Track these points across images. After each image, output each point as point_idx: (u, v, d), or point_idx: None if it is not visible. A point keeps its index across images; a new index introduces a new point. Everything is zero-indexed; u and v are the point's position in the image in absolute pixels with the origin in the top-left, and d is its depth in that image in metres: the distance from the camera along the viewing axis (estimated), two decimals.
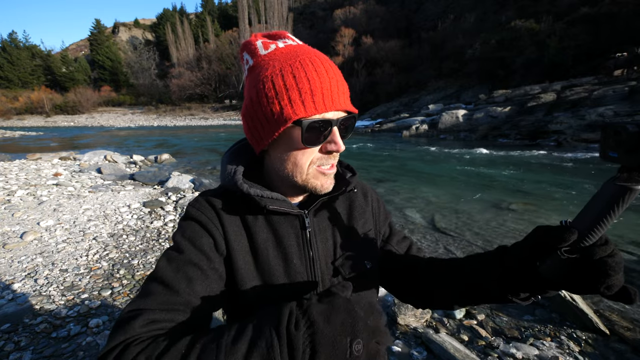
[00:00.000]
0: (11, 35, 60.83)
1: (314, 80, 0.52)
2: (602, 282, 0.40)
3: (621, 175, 0.36)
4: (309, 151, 0.57)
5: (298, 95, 0.52)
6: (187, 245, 0.57)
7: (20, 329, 2.14)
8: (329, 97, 0.54)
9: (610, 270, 0.39)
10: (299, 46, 0.58)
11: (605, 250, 0.40)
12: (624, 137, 0.34)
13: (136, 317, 0.48)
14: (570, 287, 0.43)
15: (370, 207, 0.74)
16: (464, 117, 17.79)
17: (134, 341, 0.46)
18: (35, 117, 48.95)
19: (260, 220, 0.61)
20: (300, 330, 0.39)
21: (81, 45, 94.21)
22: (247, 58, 0.60)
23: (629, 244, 3.76)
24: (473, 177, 7.84)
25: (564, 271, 0.42)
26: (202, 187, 5.91)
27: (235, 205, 0.61)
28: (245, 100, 0.60)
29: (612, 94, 13.10)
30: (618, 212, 0.37)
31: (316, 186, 0.60)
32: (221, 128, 29.45)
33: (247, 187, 0.59)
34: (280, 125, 0.53)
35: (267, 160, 0.64)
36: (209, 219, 0.59)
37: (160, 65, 67.47)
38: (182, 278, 0.53)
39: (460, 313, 2.39)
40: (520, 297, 0.50)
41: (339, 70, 0.58)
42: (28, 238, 3.55)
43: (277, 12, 52.62)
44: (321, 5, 64.83)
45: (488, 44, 27.50)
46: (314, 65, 0.54)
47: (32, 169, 7.39)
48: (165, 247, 3.47)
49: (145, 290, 0.53)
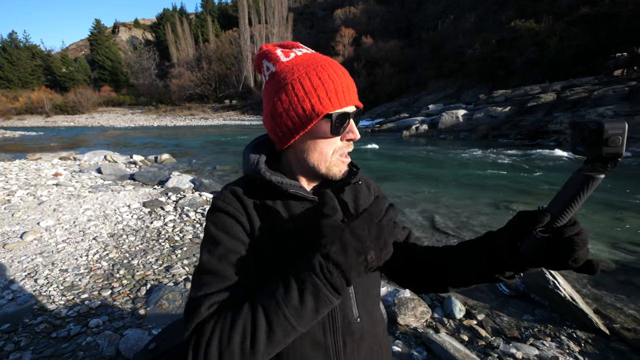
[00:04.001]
0: (11, 35, 60.78)
1: (335, 80, 0.63)
2: (569, 256, 0.47)
3: (586, 167, 0.42)
4: (333, 141, 0.66)
5: (325, 93, 0.62)
6: (223, 235, 0.63)
7: (20, 329, 2.14)
8: (348, 93, 0.64)
9: (576, 246, 0.46)
10: (313, 54, 0.67)
11: (573, 229, 0.47)
12: (587, 134, 0.40)
13: (199, 304, 0.55)
14: (545, 263, 0.51)
15: (374, 197, 0.83)
16: (464, 117, 17.78)
17: (204, 321, 0.53)
18: (35, 117, 48.87)
19: (280, 205, 0.68)
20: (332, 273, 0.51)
21: (81, 45, 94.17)
22: (268, 65, 0.68)
23: (629, 244, 3.76)
24: (473, 177, 7.84)
25: (540, 249, 0.49)
26: (202, 187, 5.91)
27: (256, 192, 0.69)
28: (269, 104, 0.67)
29: (612, 94, 13.09)
30: (584, 197, 0.43)
31: (336, 173, 0.69)
32: (221, 128, 29.44)
33: (269, 175, 0.66)
34: (313, 119, 0.62)
35: (289, 153, 0.71)
36: (235, 209, 0.66)
37: (160, 65, 67.43)
38: (227, 265, 0.60)
39: (461, 313, 2.39)
40: (506, 276, 0.59)
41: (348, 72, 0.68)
42: (28, 238, 3.55)
43: (277, 12, 52.56)
44: (321, 5, 64.81)
45: (488, 44, 27.51)
46: (332, 68, 0.64)
47: (32, 169, 7.39)
48: (165, 246, 3.48)
49: (198, 283, 0.59)
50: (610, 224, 4.40)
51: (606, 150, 0.39)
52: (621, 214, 4.82)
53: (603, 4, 21.42)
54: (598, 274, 0.52)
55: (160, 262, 3.14)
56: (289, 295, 0.50)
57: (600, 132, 0.39)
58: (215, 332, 0.51)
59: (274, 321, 0.50)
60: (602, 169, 0.41)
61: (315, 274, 0.51)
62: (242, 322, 0.51)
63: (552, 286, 2.43)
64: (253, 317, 0.51)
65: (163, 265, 3.09)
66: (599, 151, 0.39)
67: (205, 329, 0.52)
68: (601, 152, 0.39)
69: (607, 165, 0.41)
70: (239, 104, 51.68)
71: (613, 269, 3.21)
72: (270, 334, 0.50)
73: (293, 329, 0.51)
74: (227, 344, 0.50)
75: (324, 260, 0.51)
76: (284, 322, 0.50)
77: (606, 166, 0.41)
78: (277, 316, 0.50)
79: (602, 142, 0.39)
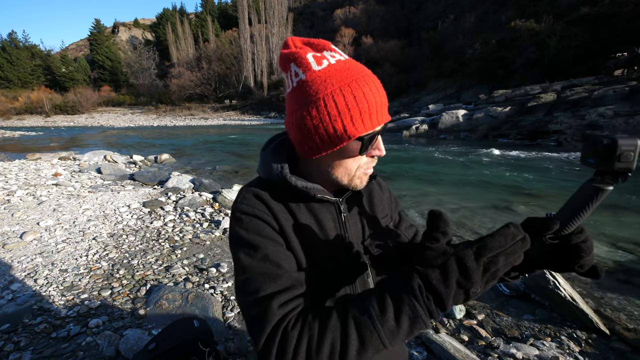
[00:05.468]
0: (11, 35, 60.72)
1: (369, 100, 0.59)
2: (576, 262, 0.50)
3: (596, 178, 0.44)
4: (359, 158, 0.65)
5: (359, 114, 0.58)
6: (257, 237, 0.62)
7: (20, 329, 2.14)
8: (381, 112, 0.61)
9: (583, 253, 0.49)
10: (348, 62, 0.62)
11: (580, 237, 0.50)
12: (600, 148, 0.42)
13: (268, 305, 0.54)
14: (551, 266, 0.54)
15: (385, 195, 0.85)
16: (464, 117, 17.78)
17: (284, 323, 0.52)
18: (35, 117, 48.80)
19: (302, 207, 0.69)
20: (430, 299, 0.48)
21: (81, 45, 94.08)
22: (297, 71, 0.62)
23: (629, 244, 3.76)
24: (473, 177, 7.84)
25: (547, 254, 0.53)
26: (202, 187, 5.90)
27: (279, 195, 0.68)
28: (296, 114, 0.63)
29: (613, 94, 13.09)
30: (592, 207, 0.45)
31: (357, 184, 0.69)
32: (221, 128, 29.43)
33: (294, 180, 0.66)
34: (343, 141, 0.60)
35: (312, 162, 0.69)
36: (261, 211, 0.65)
37: (160, 65, 67.41)
38: (273, 265, 0.59)
39: (461, 313, 2.39)
40: (511, 276, 0.61)
41: (381, 83, 0.64)
42: (28, 238, 3.55)
43: (277, 12, 52.54)
44: (321, 5, 64.82)
45: (488, 44, 27.51)
46: (368, 85, 0.59)
47: (31, 169, 7.39)
48: (165, 246, 3.47)
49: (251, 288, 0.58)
50: (611, 224, 4.40)
51: (618, 165, 0.40)
52: (621, 214, 4.82)
53: (603, 4, 21.42)
54: (602, 278, 0.52)
55: (160, 262, 3.14)
56: (386, 315, 0.49)
57: (614, 148, 0.40)
58: (302, 340, 0.50)
59: (367, 338, 0.49)
60: (612, 182, 0.43)
61: (414, 296, 0.49)
62: (332, 335, 0.50)
63: (553, 286, 2.43)
64: (344, 330, 0.50)
65: (163, 265, 3.09)
66: (612, 166, 0.41)
67: (290, 334, 0.51)
68: (613, 167, 0.41)
69: (617, 179, 0.42)
70: (239, 104, 51.67)
71: (613, 269, 3.21)
72: (362, 351, 0.49)
73: (384, 347, 0.50)
74: (316, 355, 0.49)
75: (424, 285, 0.49)
76: (377, 341, 0.49)
77: (617, 180, 0.42)
78: (371, 334, 0.49)
79: (614, 158, 0.40)
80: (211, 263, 3.14)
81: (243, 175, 8.26)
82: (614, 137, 0.40)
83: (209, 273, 2.94)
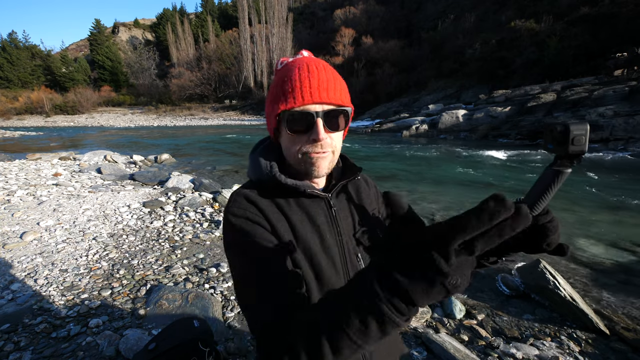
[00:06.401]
0: (11, 35, 60.70)
1: (294, 80, 0.63)
2: (544, 241, 0.53)
3: (556, 162, 0.48)
4: (297, 139, 0.67)
5: (282, 92, 0.64)
6: (248, 240, 0.64)
7: (20, 329, 2.14)
8: (307, 92, 0.63)
9: (549, 232, 0.52)
10: (303, 57, 0.69)
11: (546, 218, 0.53)
12: (556, 135, 0.46)
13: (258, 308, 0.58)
14: (523, 247, 0.56)
15: (372, 191, 0.88)
16: (464, 117, 17.78)
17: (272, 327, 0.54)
18: (35, 117, 48.78)
19: (293, 204, 0.71)
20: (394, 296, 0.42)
21: (81, 45, 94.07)
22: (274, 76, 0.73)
23: (629, 244, 3.76)
24: (473, 177, 7.84)
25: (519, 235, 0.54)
26: (202, 187, 5.90)
27: (269, 194, 0.71)
28: None
29: (612, 94, 13.09)
30: (555, 189, 0.48)
31: (312, 171, 0.70)
32: (221, 128, 29.42)
33: (284, 178, 0.69)
34: (272, 117, 0.67)
35: None
36: (253, 213, 0.67)
37: (160, 65, 67.38)
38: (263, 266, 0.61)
39: (461, 313, 2.39)
40: (490, 261, 0.62)
41: (332, 70, 0.68)
42: (28, 238, 3.55)
43: (277, 12, 52.50)
44: (321, 5, 64.82)
45: (488, 44, 27.50)
46: (306, 68, 0.64)
47: (31, 169, 7.39)
48: (165, 246, 3.47)
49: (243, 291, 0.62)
50: (610, 224, 4.40)
51: (572, 148, 0.45)
52: (621, 214, 4.82)
53: (603, 4, 21.41)
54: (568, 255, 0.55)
55: (160, 262, 3.14)
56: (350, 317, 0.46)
57: (567, 133, 0.44)
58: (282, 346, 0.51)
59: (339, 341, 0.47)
60: (569, 165, 0.47)
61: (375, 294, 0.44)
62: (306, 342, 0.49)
63: (552, 286, 2.43)
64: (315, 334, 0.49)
65: (163, 265, 3.09)
66: (567, 149, 0.45)
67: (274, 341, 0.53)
68: (568, 150, 0.45)
69: (573, 161, 0.47)
70: (239, 104, 51.64)
71: (613, 269, 3.21)
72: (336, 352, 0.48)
73: (359, 347, 0.48)
74: None
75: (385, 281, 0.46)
76: (348, 342, 0.47)
77: (572, 162, 0.47)
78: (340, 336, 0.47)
79: (569, 142, 0.45)
80: (211, 263, 3.14)
81: (243, 175, 8.26)
82: (567, 123, 0.45)
83: (209, 273, 2.94)
